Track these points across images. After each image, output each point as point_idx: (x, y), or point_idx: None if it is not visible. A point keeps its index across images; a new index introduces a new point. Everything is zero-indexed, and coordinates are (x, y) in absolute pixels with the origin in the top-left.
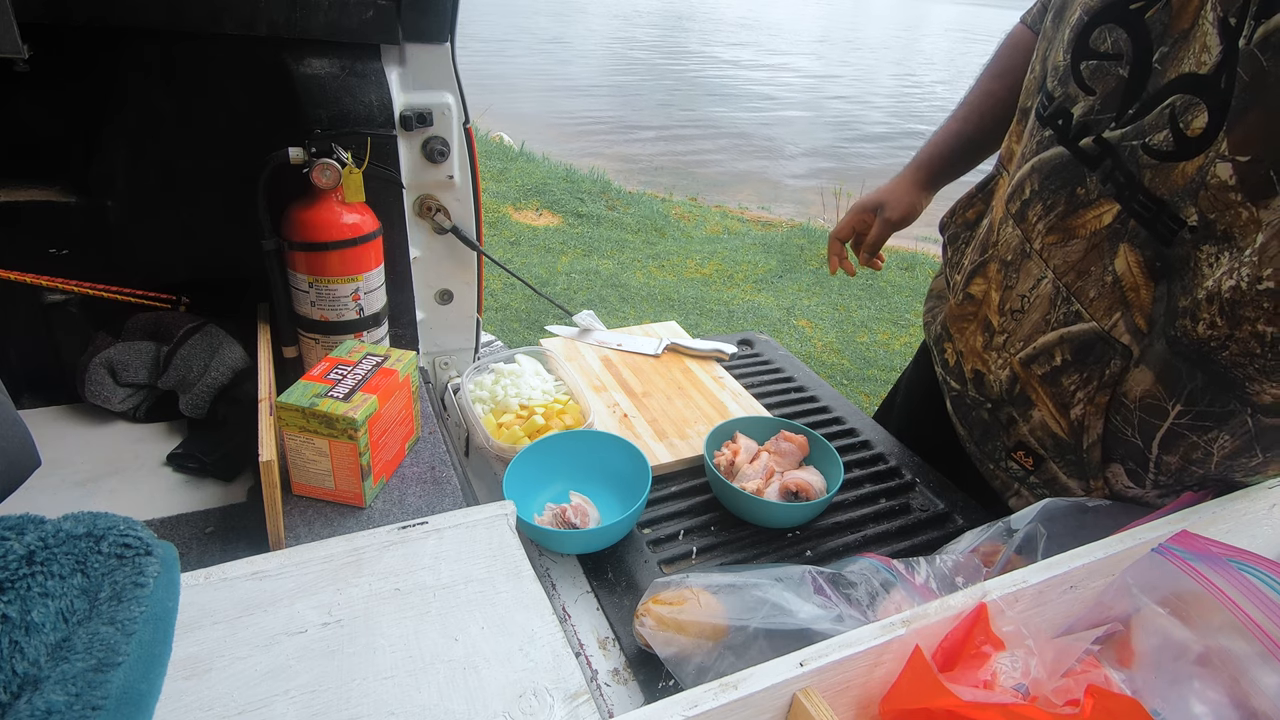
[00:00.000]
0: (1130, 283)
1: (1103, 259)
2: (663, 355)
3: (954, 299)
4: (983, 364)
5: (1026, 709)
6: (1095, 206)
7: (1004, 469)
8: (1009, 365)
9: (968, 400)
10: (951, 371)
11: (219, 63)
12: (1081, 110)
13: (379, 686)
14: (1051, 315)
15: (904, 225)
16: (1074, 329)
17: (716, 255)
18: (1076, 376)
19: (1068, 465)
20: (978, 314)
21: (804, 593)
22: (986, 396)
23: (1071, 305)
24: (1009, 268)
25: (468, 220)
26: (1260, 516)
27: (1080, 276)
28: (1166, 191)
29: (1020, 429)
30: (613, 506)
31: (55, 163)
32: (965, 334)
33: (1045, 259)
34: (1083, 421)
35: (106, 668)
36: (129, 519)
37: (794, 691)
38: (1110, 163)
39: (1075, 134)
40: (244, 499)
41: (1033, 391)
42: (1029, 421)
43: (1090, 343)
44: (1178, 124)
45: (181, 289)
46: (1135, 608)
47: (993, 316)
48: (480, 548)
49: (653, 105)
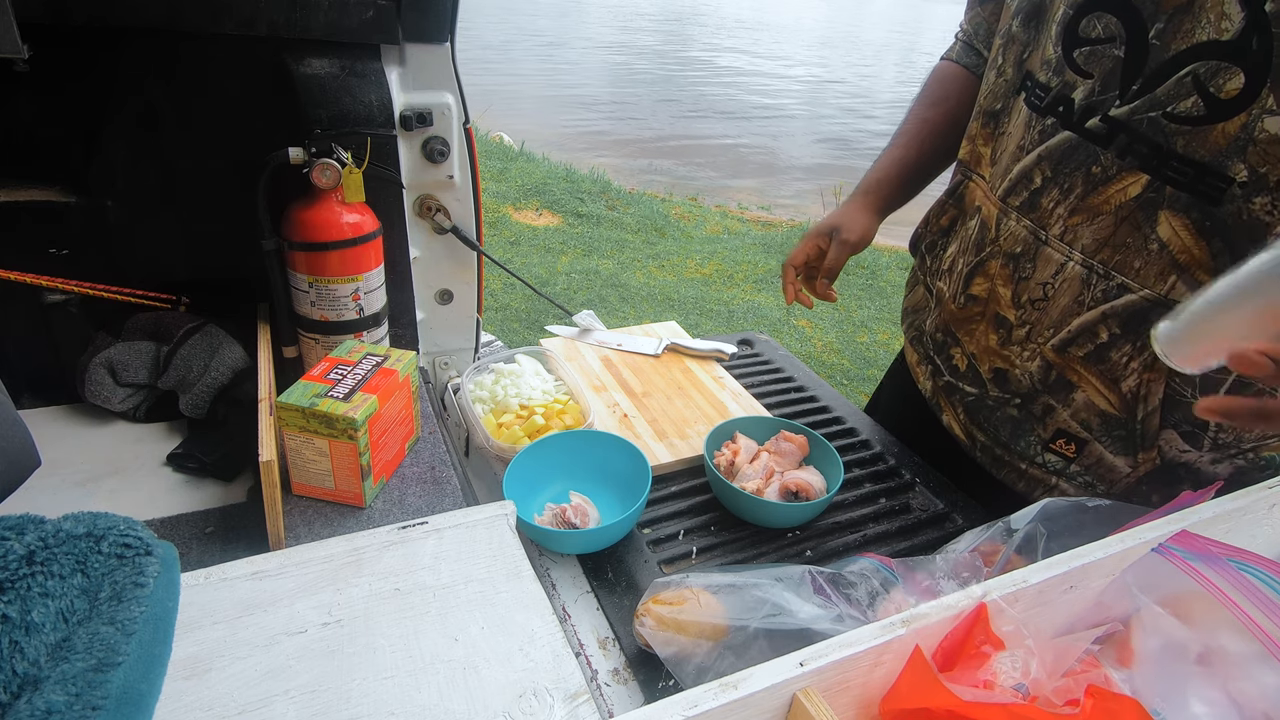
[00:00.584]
0: (1179, 246)
1: (1140, 229)
2: (663, 355)
3: (953, 304)
4: (1003, 360)
5: (1026, 709)
6: (1117, 181)
7: (1039, 464)
8: (1039, 355)
9: (989, 401)
10: (964, 376)
11: (219, 63)
12: (1083, 94)
13: (379, 686)
14: (1085, 296)
15: (860, 248)
16: (1119, 302)
17: (716, 255)
18: (1129, 348)
19: (1115, 442)
20: (985, 313)
21: (804, 593)
22: (1015, 392)
23: (1112, 280)
24: (1019, 260)
25: (468, 220)
26: (1260, 516)
27: (1118, 251)
28: (1207, 153)
29: (1059, 415)
30: (613, 506)
31: (55, 163)
32: (975, 335)
33: (1069, 243)
34: (1138, 391)
35: (106, 668)
36: (129, 519)
37: (794, 691)
38: (1125, 138)
39: (1080, 117)
40: (244, 499)
41: (1073, 374)
42: (1070, 406)
43: (1143, 311)
44: (1207, 89)
45: (181, 289)
46: (1135, 608)
47: (1006, 312)
48: (480, 548)
49: (653, 105)
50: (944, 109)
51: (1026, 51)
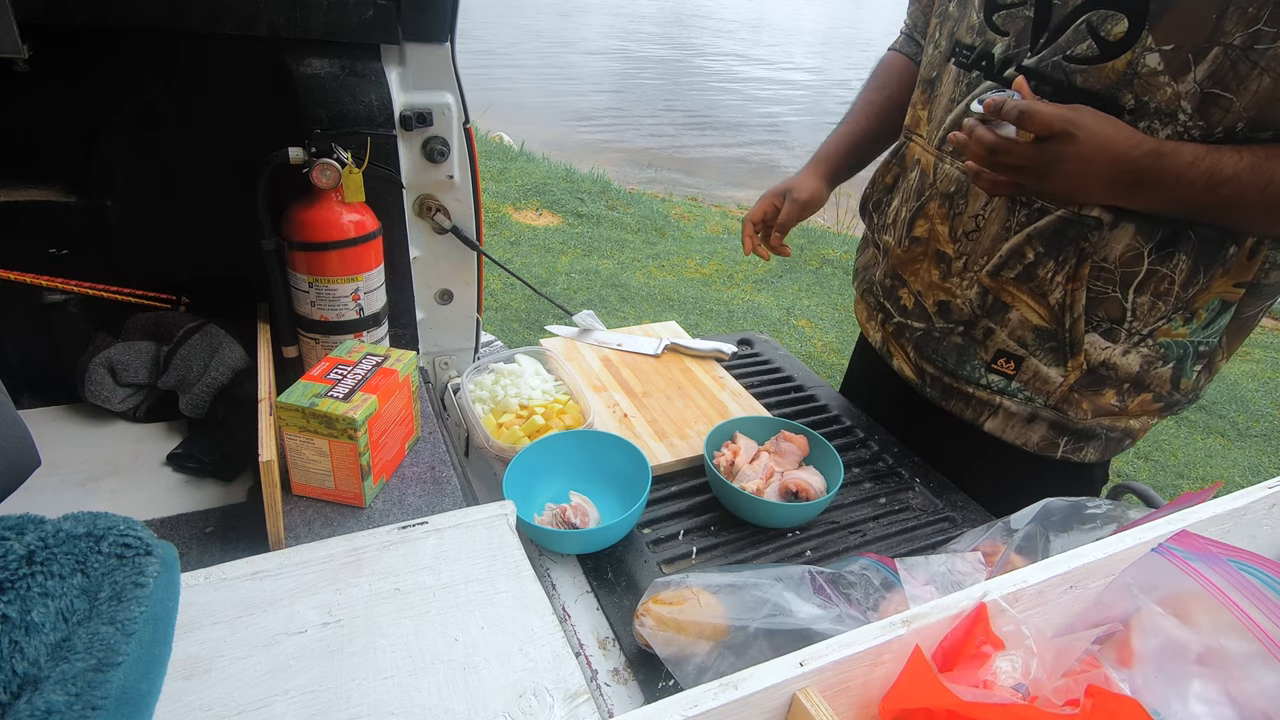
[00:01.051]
0: None
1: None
2: (663, 355)
3: (899, 249)
4: (945, 293)
5: (1026, 709)
6: None
7: (984, 386)
8: (976, 282)
9: (935, 334)
10: (911, 314)
11: (219, 63)
12: (1001, 49)
13: (379, 686)
14: (1011, 221)
15: (810, 209)
16: (1040, 223)
17: (716, 255)
18: (1052, 264)
19: (1048, 354)
20: (927, 251)
21: (804, 593)
22: (958, 321)
23: (1034, 204)
24: (953, 198)
25: (468, 220)
26: (1260, 516)
27: None
28: (1100, 86)
29: (998, 336)
30: (613, 506)
31: (55, 163)
32: (920, 273)
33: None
34: (1064, 301)
35: (106, 668)
36: (129, 519)
37: (794, 691)
38: (1035, 81)
39: (999, 68)
40: (244, 499)
41: (1007, 295)
42: (1006, 326)
43: (1062, 228)
44: (1098, 33)
45: (181, 289)
46: (1135, 608)
47: (945, 247)
48: (480, 548)
49: (653, 105)
50: (886, 93)
51: (957, 25)
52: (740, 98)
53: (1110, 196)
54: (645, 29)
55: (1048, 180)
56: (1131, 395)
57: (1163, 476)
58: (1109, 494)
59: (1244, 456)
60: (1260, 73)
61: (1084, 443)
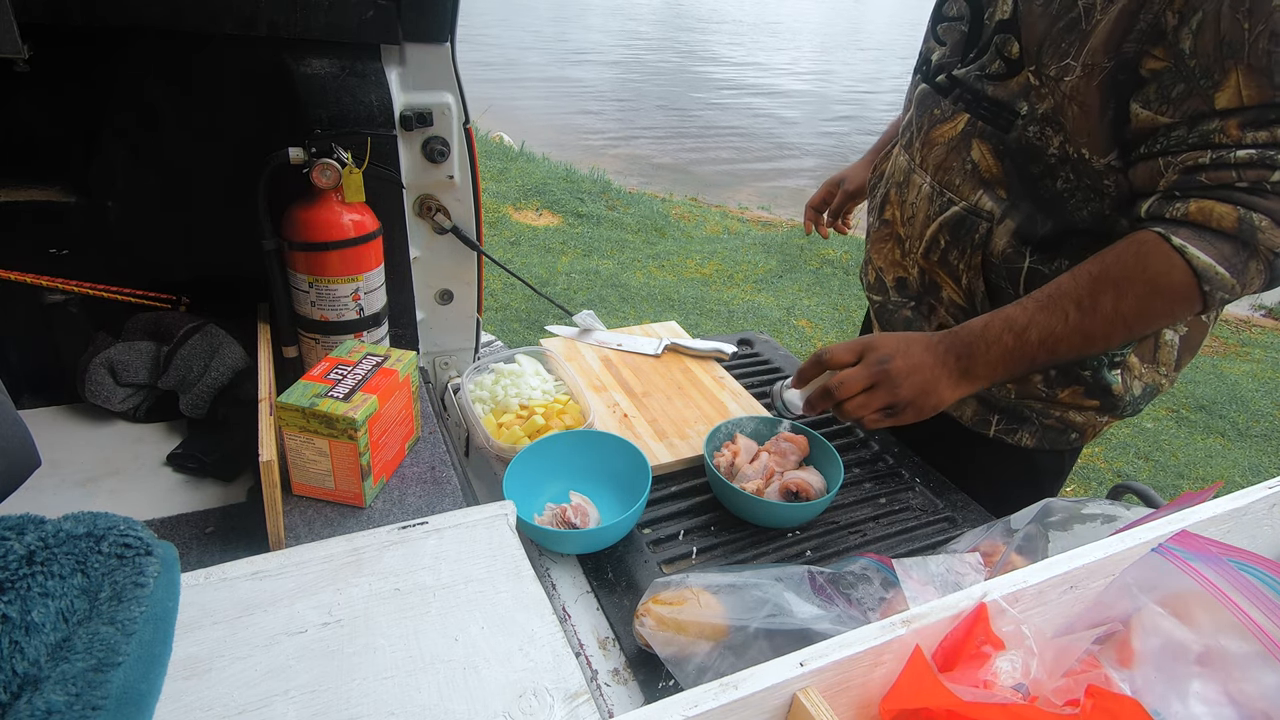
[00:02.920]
0: (985, 165)
1: (961, 155)
2: (663, 355)
3: (874, 231)
4: (902, 270)
5: (1026, 709)
6: (950, 120)
7: None
8: (916, 263)
9: (890, 306)
10: (874, 287)
11: (219, 62)
12: (937, 57)
13: (379, 686)
14: (931, 210)
15: (860, 198)
16: (948, 214)
17: (716, 255)
18: (956, 251)
19: None
20: (891, 233)
21: (804, 593)
22: (910, 296)
23: (944, 196)
24: (902, 187)
25: (468, 220)
26: (1260, 516)
27: (947, 172)
28: (1005, 96)
29: (939, 313)
30: (613, 506)
31: (55, 163)
32: (884, 251)
33: (923, 168)
34: (969, 287)
35: (106, 668)
36: (129, 519)
37: (794, 691)
38: (959, 90)
39: (933, 73)
40: (244, 499)
41: (936, 276)
42: (942, 303)
43: (962, 219)
44: (1002, 52)
45: (181, 289)
46: (1135, 608)
47: (899, 229)
48: (480, 548)
49: (653, 105)
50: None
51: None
52: (741, 97)
53: (959, 381)
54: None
55: (896, 388)
56: (1060, 385)
57: (1163, 476)
58: (1109, 494)
59: (1244, 456)
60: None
61: (1017, 425)
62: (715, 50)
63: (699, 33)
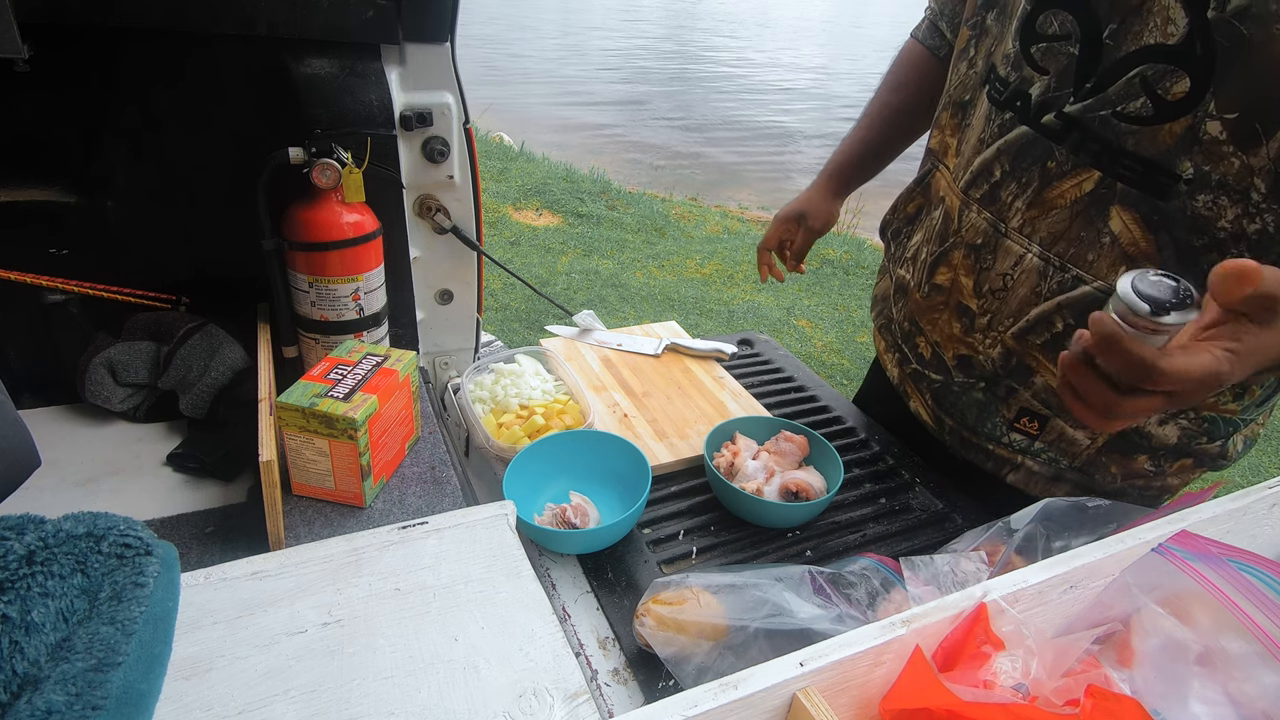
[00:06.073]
0: (1129, 239)
1: (1093, 223)
2: (663, 355)
3: (918, 294)
4: (967, 348)
5: (1026, 709)
6: (1072, 176)
7: (1005, 444)
8: (1000, 342)
9: (954, 387)
10: (929, 364)
11: (219, 63)
12: (1039, 90)
13: (379, 686)
14: (1042, 287)
15: (824, 232)
16: (1074, 294)
17: (716, 255)
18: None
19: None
20: (949, 302)
21: (804, 593)
22: (979, 377)
23: (1068, 272)
24: (980, 252)
25: (468, 220)
26: (1260, 516)
27: (1072, 244)
28: (1155, 151)
29: (1022, 396)
30: (613, 506)
31: (55, 163)
32: (939, 324)
33: (1027, 235)
34: None
35: (106, 668)
36: (129, 519)
37: (794, 691)
38: (1078, 134)
39: (1036, 112)
40: (244, 499)
41: (1032, 360)
42: (1031, 388)
43: (1096, 302)
44: (1155, 91)
45: (181, 289)
46: (1135, 608)
47: (968, 301)
48: (480, 548)
49: (653, 105)
50: (904, 94)
51: (994, 46)
52: (741, 97)
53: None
54: (647, 29)
55: (1190, 397)
56: (1169, 460)
57: None
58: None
59: (1244, 457)
60: None
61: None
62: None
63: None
